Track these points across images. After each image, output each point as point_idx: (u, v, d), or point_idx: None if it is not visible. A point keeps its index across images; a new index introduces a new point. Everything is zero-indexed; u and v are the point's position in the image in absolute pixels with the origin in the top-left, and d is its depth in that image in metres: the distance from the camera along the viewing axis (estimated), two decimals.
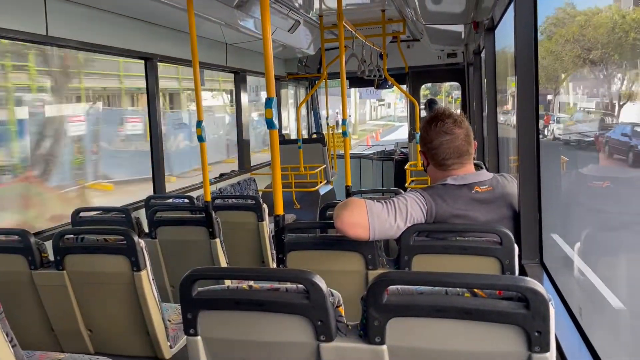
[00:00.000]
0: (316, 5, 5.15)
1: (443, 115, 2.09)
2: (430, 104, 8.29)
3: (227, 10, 4.44)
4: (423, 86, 8.74)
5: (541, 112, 2.89)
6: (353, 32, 5.20)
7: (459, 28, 5.53)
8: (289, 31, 5.70)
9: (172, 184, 5.46)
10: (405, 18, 5.59)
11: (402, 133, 14.53)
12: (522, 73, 2.01)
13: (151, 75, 4.48)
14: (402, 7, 4.45)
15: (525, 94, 2.01)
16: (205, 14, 4.28)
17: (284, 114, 8.30)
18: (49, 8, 3.32)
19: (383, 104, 38.90)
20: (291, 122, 8.96)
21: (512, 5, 2.17)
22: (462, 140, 2.07)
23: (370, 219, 1.88)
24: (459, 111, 2.22)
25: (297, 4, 5.04)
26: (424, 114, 7.95)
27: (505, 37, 3.61)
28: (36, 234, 3.26)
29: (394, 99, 34.50)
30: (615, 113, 3.33)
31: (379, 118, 37.22)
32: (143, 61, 4.49)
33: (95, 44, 3.82)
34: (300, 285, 1.31)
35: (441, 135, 2.07)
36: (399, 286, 1.26)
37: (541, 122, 3.03)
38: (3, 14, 3.03)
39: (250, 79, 6.74)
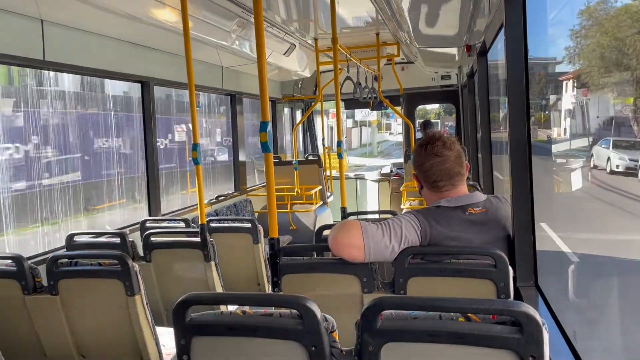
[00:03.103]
0: (311, 28, 5.22)
1: (433, 139, 2.14)
2: (425, 125, 8.35)
3: (223, 34, 4.50)
4: (437, 105, 8.80)
5: None
6: (348, 55, 5.27)
7: (453, 50, 5.61)
8: (284, 54, 5.77)
9: None
10: (400, 41, 5.66)
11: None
12: (513, 95, 2.03)
13: (147, 98, 4.51)
14: (396, 30, 4.52)
15: (517, 116, 2.03)
16: (201, 39, 4.32)
17: (279, 136, 8.33)
18: (46, 33, 3.35)
19: (365, 125, 27.82)
20: (287, 143, 8.98)
21: (502, 30, 2.20)
22: (452, 162, 2.10)
23: (365, 240, 1.89)
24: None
25: (292, 28, 5.10)
26: (419, 135, 8.01)
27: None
28: (30, 259, 3.24)
29: (374, 117, 25.44)
30: None
31: (353, 147, 26.91)
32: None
33: (91, 68, 3.85)
34: (294, 311, 1.30)
35: (432, 158, 2.11)
36: (392, 311, 1.26)
37: None
38: (0, 40, 3.05)
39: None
